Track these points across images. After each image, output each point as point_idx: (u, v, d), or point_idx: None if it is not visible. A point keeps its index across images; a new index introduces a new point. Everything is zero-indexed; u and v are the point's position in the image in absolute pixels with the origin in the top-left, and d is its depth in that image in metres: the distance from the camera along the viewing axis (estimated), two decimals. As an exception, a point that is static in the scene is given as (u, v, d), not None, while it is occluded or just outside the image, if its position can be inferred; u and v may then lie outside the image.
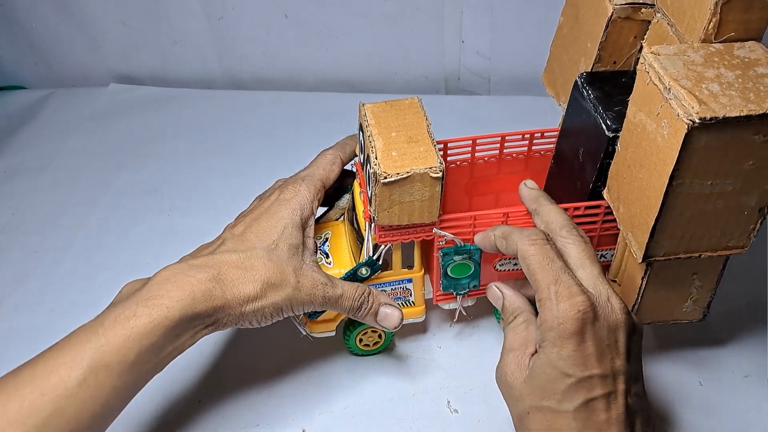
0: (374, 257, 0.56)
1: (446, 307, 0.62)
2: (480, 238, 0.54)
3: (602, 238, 0.57)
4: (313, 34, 1.01)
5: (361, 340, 0.61)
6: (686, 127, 0.41)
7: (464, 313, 0.62)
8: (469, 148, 0.65)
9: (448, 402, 0.59)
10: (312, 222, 0.56)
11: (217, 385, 0.61)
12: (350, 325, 0.60)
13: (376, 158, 0.51)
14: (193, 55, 1.05)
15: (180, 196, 0.85)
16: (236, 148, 0.93)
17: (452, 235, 0.55)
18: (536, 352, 0.46)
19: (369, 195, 0.53)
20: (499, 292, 0.53)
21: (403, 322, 0.61)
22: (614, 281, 0.58)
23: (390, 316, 0.55)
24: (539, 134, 0.65)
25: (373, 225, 0.54)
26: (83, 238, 0.79)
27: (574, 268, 0.47)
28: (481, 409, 0.58)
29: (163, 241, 0.78)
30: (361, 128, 0.56)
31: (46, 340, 0.66)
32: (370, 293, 0.55)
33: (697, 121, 0.41)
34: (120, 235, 0.79)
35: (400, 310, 0.56)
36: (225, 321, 0.50)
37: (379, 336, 0.61)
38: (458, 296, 0.60)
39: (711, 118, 0.41)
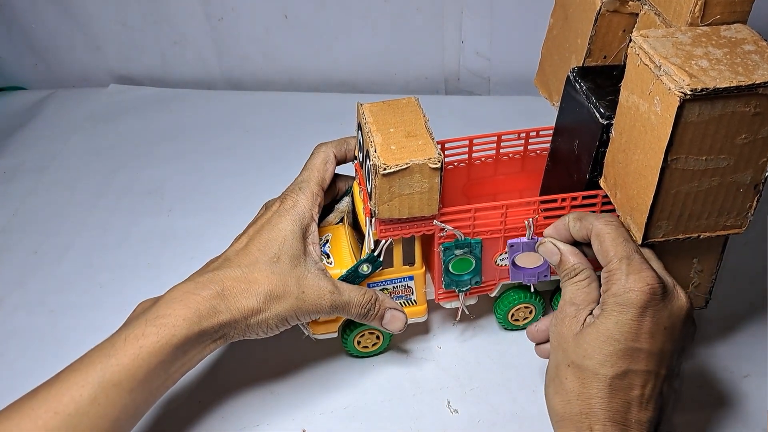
0: (375, 253, 0.56)
1: (448, 306, 0.62)
2: (551, 227, 0.53)
3: None
4: (313, 34, 1.01)
5: (359, 342, 0.61)
6: (678, 99, 0.42)
7: (467, 311, 0.62)
8: (466, 149, 0.65)
9: (448, 402, 0.59)
10: (314, 229, 0.57)
11: (217, 385, 0.61)
12: (348, 327, 0.60)
13: (375, 152, 0.51)
14: (192, 56, 1.05)
15: (180, 196, 0.84)
16: (236, 148, 0.93)
17: (453, 228, 0.55)
18: (591, 313, 0.47)
19: (369, 189, 0.53)
20: (555, 248, 0.51)
21: (407, 323, 0.62)
22: None
23: (395, 318, 0.57)
24: (534, 133, 0.65)
25: (373, 220, 0.54)
26: (83, 238, 0.79)
27: None
28: (481, 409, 0.58)
29: (163, 242, 0.78)
30: (359, 127, 0.57)
31: (46, 341, 0.67)
32: (376, 299, 0.56)
33: (689, 93, 0.41)
34: (120, 236, 0.79)
35: (405, 313, 0.58)
36: (232, 334, 0.52)
37: (377, 337, 0.61)
38: (460, 294, 0.60)
39: (702, 90, 0.41)
